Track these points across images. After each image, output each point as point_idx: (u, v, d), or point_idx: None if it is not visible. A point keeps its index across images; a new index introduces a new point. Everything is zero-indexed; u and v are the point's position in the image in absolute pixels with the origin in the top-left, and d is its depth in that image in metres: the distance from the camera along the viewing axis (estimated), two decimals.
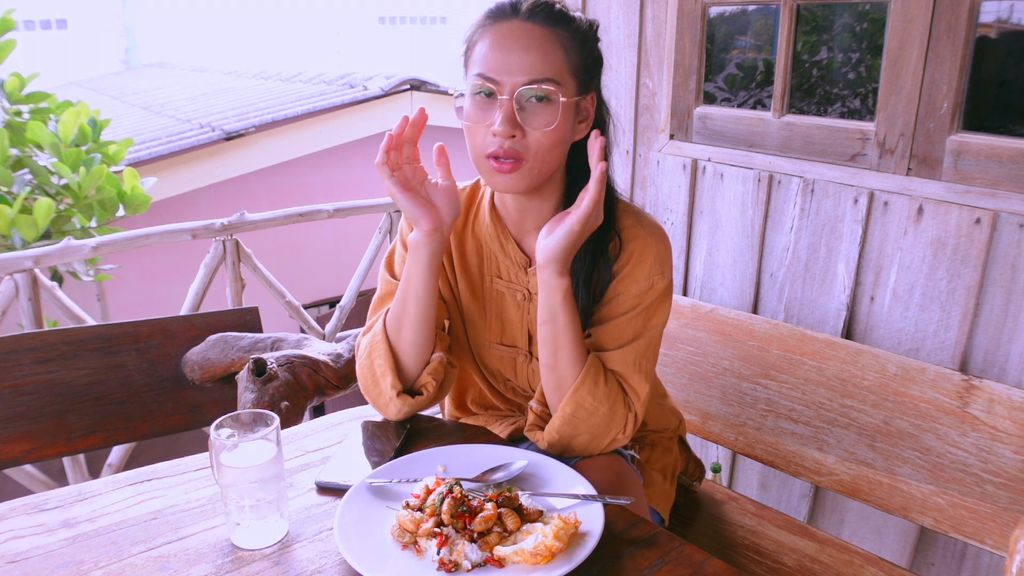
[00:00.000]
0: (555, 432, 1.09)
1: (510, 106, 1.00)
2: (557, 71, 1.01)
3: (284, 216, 2.65)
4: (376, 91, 5.60)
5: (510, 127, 1.00)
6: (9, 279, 2.19)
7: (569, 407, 1.06)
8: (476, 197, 1.22)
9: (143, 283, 4.91)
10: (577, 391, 1.06)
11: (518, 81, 1.00)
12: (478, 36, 1.05)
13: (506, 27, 1.02)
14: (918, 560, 1.66)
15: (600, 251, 1.10)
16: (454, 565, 0.82)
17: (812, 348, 1.49)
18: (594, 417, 1.06)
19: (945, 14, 1.42)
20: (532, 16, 1.02)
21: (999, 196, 1.40)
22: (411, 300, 1.10)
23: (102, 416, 1.51)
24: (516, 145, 1.01)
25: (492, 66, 1.01)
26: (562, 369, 1.07)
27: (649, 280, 1.10)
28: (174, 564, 0.85)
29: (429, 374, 1.12)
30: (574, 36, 1.04)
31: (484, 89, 1.02)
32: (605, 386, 1.06)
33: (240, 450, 0.88)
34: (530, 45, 1.00)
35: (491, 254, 1.19)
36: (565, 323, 1.05)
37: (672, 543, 0.89)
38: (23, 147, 3.65)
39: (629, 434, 1.10)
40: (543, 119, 1.01)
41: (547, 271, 1.04)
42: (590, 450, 1.10)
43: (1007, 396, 1.26)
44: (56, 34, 13.20)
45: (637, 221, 1.12)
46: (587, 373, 1.06)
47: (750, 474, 1.98)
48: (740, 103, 1.92)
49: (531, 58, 1.00)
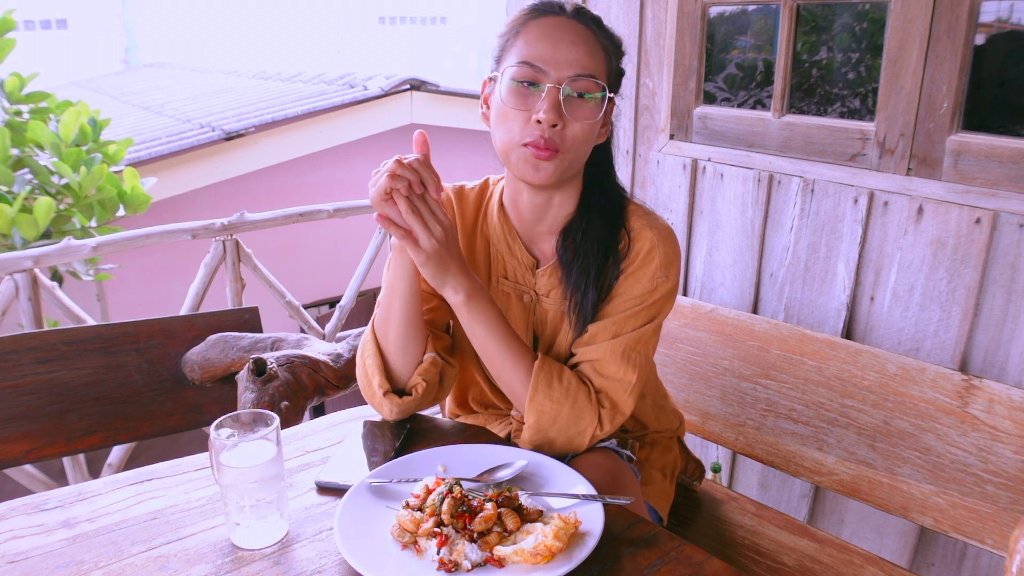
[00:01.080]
0: (528, 442, 1.10)
1: (556, 95, 1.02)
2: (598, 70, 1.05)
3: (284, 216, 2.65)
4: (376, 91, 5.60)
5: (555, 115, 1.01)
6: (9, 279, 2.19)
7: (531, 416, 1.07)
8: (485, 197, 1.23)
9: (143, 283, 4.91)
10: (533, 399, 1.06)
11: (565, 74, 1.02)
12: (520, 28, 1.06)
13: (554, 21, 1.05)
14: (918, 560, 1.66)
15: (611, 249, 1.11)
16: (454, 565, 0.82)
17: (812, 348, 1.49)
18: (559, 419, 1.07)
19: (945, 14, 1.42)
20: (578, 16, 1.06)
21: (999, 196, 1.40)
22: (396, 301, 1.10)
23: (102, 416, 1.51)
24: (555, 135, 1.03)
25: (539, 56, 1.02)
26: (507, 378, 1.09)
27: (653, 282, 1.11)
28: (174, 564, 0.85)
29: (419, 375, 1.12)
30: (609, 41, 1.08)
31: (528, 78, 1.03)
32: (560, 386, 1.07)
33: (240, 450, 0.88)
34: (578, 40, 1.03)
35: (498, 254, 1.20)
36: (485, 335, 1.07)
37: (672, 543, 0.89)
38: (23, 147, 3.65)
39: (609, 427, 1.09)
40: (584, 112, 1.04)
41: (446, 295, 1.06)
42: (573, 449, 1.10)
43: (1007, 396, 1.26)
44: (56, 34, 13.19)
45: (647, 223, 1.13)
46: (536, 380, 1.07)
47: (750, 474, 1.98)
48: (740, 103, 1.92)
49: (579, 53, 1.03)
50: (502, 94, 1.05)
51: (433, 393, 1.14)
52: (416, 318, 1.11)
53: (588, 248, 1.10)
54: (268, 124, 5.17)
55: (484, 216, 1.21)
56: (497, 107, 1.06)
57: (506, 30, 1.09)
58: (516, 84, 1.03)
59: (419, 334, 1.13)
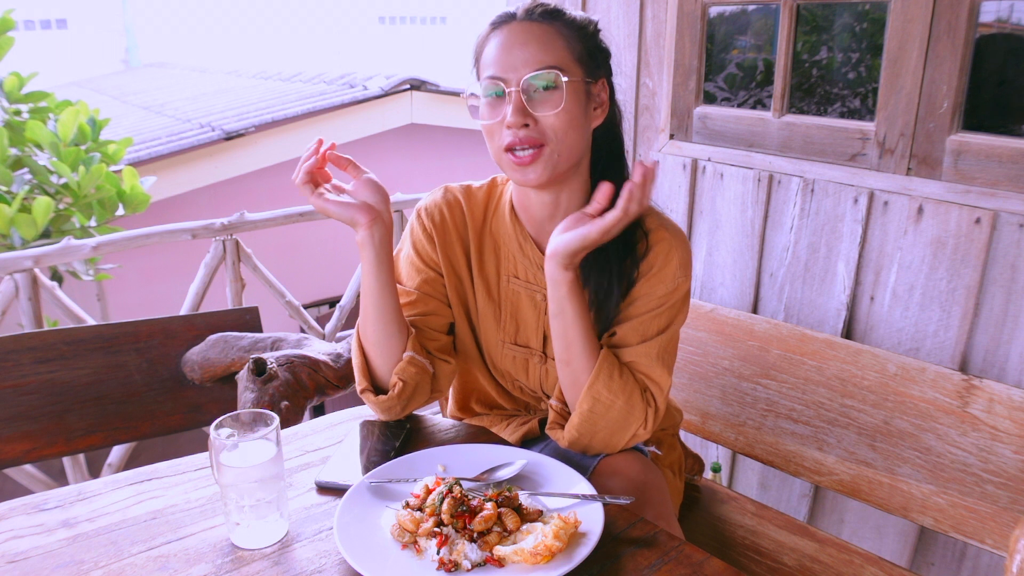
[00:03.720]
0: (574, 430, 1.09)
1: (518, 96, 1.04)
2: (558, 58, 1.06)
3: (284, 216, 2.65)
4: (376, 91, 5.60)
5: (521, 116, 1.04)
6: (9, 279, 2.19)
7: (586, 403, 1.07)
8: (494, 196, 1.23)
9: (143, 283, 4.91)
10: (592, 386, 1.07)
11: (522, 73, 1.04)
12: (483, 47, 1.10)
13: (507, 29, 1.08)
14: (918, 560, 1.66)
15: (630, 251, 1.12)
16: (454, 565, 0.82)
17: (812, 348, 1.49)
18: (611, 411, 1.07)
19: (945, 14, 1.42)
20: (529, 16, 1.08)
21: (999, 196, 1.40)
22: (368, 300, 1.12)
23: (102, 416, 1.51)
24: (532, 132, 1.05)
25: (498, 66, 1.06)
26: (575, 364, 1.09)
27: (675, 281, 1.12)
28: (174, 564, 0.85)
29: (396, 374, 1.12)
30: (570, 27, 1.09)
31: (495, 89, 1.06)
32: (620, 379, 1.07)
33: (240, 450, 0.88)
34: (529, 40, 1.06)
35: (509, 254, 1.20)
36: (574, 316, 1.07)
37: (672, 543, 0.89)
38: (22, 146, 3.65)
39: (650, 429, 1.10)
40: (552, 102, 1.05)
41: (552, 264, 1.06)
42: (611, 447, 1.11)
43: (1007, 396, 1.26)
44: (56, 34, 13.19)
45: (662, 224, 1.15)
46: (600, 367, 1.07)
47: (750, 474, 1.98)
48: (740, 103, 1.92)
49: (531, 51, 1.05)
50: (482, 109, 1.08)
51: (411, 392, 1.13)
52: (391, 315, 1.12)
53: (608, 249, 1.10)
54: (268, 124, 5.17)
55: (494, 215, 1.22)
56: (482, 122, 1.09)
57: (474, 49, 1.13)
58: (487, 98, 1.08)
59: (399, 332, 1.13)
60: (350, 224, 1.09)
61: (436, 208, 1.21)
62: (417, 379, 1.13)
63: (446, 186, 1.24)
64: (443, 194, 1.23)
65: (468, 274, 1.22)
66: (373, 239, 1.08)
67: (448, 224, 1.21)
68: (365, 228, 1.08)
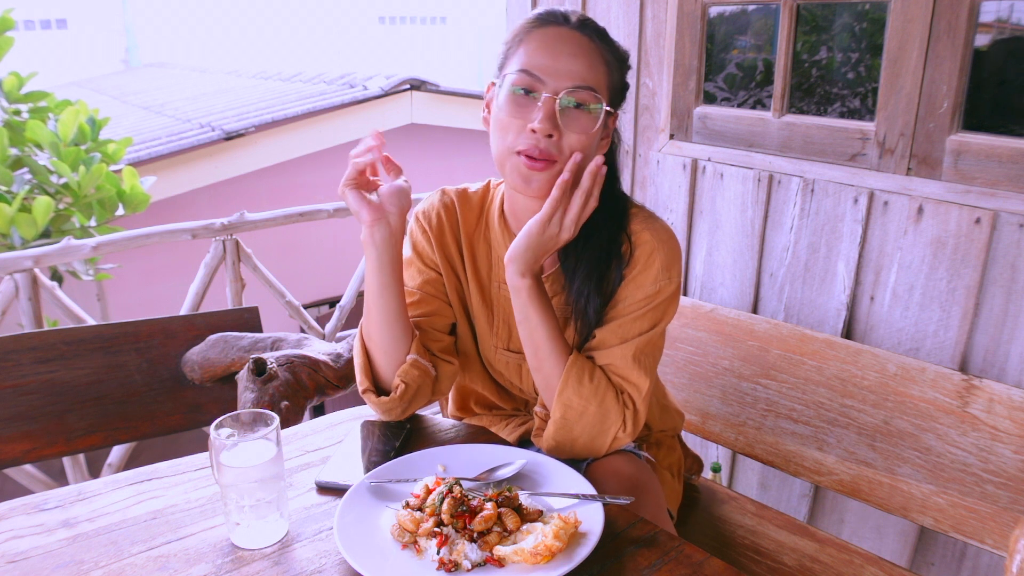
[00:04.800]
0: (551, 438, 1.09)
1: (552, 105, 1.01)
2: (598, 83, 1.04)
3: (284, 216, 2.65)
4: (376, 91, 5.60)
5: (550, 125, 1.01)
6: (9, 279, 2.19)
7: (558, 410, 1.07)
8: (487, 200, 1.23)
9: (143, 283, 4.91)
10: (562, 393, 1.06)
11: (563, 84, 1.02)
12: (524, 36, 1.06)
13: (556, 32, 1.04)
14: (918, 560, 1.66)
15: (613, 254, 1.11)
16: (454, 565, 0.82)
17: (812, 348, 1.49)
18: (585, 417, 1.07)
19: (945, 14, 1.42)
20: (582, 27, 1.05)
21: (999, 196, 1.40)
22: (370, 300, 1.11)
23: (102, 416, 1.51)
24: (551, 146, 1.02)
25: (538, 65, 1.02)
26: (546, 369, 1.09)
27: (656, 285, 1.11)
28: (174, 564, 0.85)
29: (399, 376, 1.12)
30: (613, 53, 1.07)
31: (525, 86, 1.03)
32: (591, 384, 1.06)
33: (240, 450, 0.88)
34: (579, 52, 1.03)
35: (499, 260, 1.19)
36: (539, 322, 1.07)
37: (672, 543, 0.89)
38: (22, 146, 3.65)
39: (631, 431, 1.09)
40: (581, 124, 1.03)
41: (509, 270, 1.06)
42: (593, 451, 1.10)
43: (1007, 396, 1.26)
44: (56, 34, 13.19)
45: (647, 226, 1.13)
46: (568, 374, 1.06)
47: (750, 474, 1.98)
48: (740, 103, 1.92)
49: (579, 65, 1.02)
50: (501, 101, 1.05)
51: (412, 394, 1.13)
52: (394, 317, 1.11)
53: (591, 255, 1.10)
54: (268, 124, 5.17)
55: (486, 220, 1.21)
56: (496, 113, 1.06)
57: (510, 37, 1.09)
58: (514, 91, 1.03)
59: (404, 333, 1.12)
60: (354, 211, 1.08)
61: (432, 211, 1.22)
62: (419, 382, 1.12)
63: (443, 189, 1.24)
64: (439, 197, 1.23)
65: (465, 277, 1.22)
66: (374, 239, 1.07)
67: (444, 226, 1.20)
68: (367, 227, 1.07)
